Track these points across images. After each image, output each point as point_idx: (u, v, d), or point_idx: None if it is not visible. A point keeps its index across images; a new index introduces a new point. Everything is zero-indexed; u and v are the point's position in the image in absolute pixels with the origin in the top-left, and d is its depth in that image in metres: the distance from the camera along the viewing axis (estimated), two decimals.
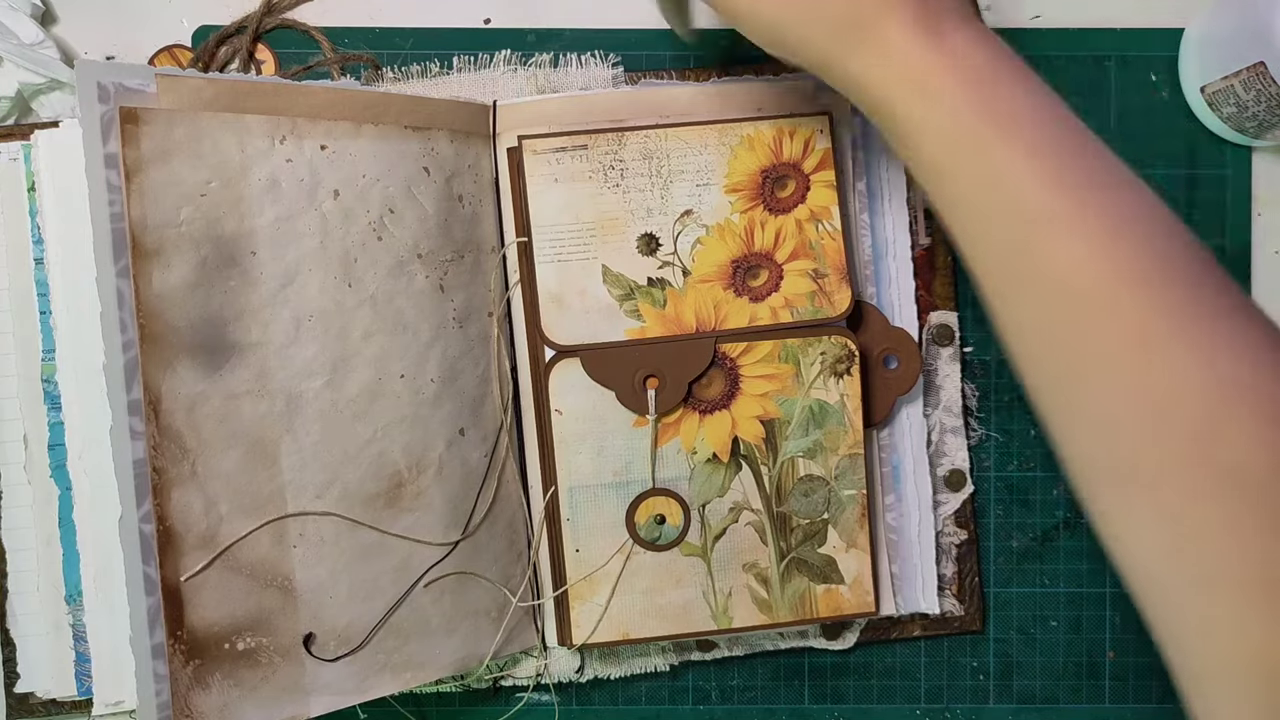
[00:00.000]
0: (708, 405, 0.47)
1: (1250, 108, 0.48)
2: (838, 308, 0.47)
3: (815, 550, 0.48)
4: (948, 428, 0.51)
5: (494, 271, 0.48)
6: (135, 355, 0.40)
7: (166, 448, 0.41)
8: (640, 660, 0.51)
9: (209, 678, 0.42)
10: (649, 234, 0.47)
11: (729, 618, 0.48)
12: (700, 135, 0.47)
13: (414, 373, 0.45)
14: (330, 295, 0.44)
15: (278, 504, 0.43)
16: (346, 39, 0.51)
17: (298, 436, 0.43)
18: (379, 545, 0.45)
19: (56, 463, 0.46)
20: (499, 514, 0.48)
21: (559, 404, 0.47)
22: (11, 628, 0.48)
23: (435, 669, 0.46)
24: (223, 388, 0.42)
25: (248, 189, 0.42)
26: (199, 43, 0.51)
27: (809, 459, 0.48)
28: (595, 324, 0.47)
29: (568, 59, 0.51)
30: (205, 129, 0.41)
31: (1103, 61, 0.52)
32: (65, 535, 0.46)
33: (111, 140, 0.40)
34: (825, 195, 0.47)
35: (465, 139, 0.47)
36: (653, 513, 0.48)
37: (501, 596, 0.48)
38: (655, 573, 0.48)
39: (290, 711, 0.43)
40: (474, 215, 0.48)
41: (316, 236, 0.43)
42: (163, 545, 0.41)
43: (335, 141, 0.44)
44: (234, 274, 0.42)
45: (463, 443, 0.47)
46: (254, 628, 0.42)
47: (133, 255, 0.40)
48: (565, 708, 0.52)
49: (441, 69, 0.50)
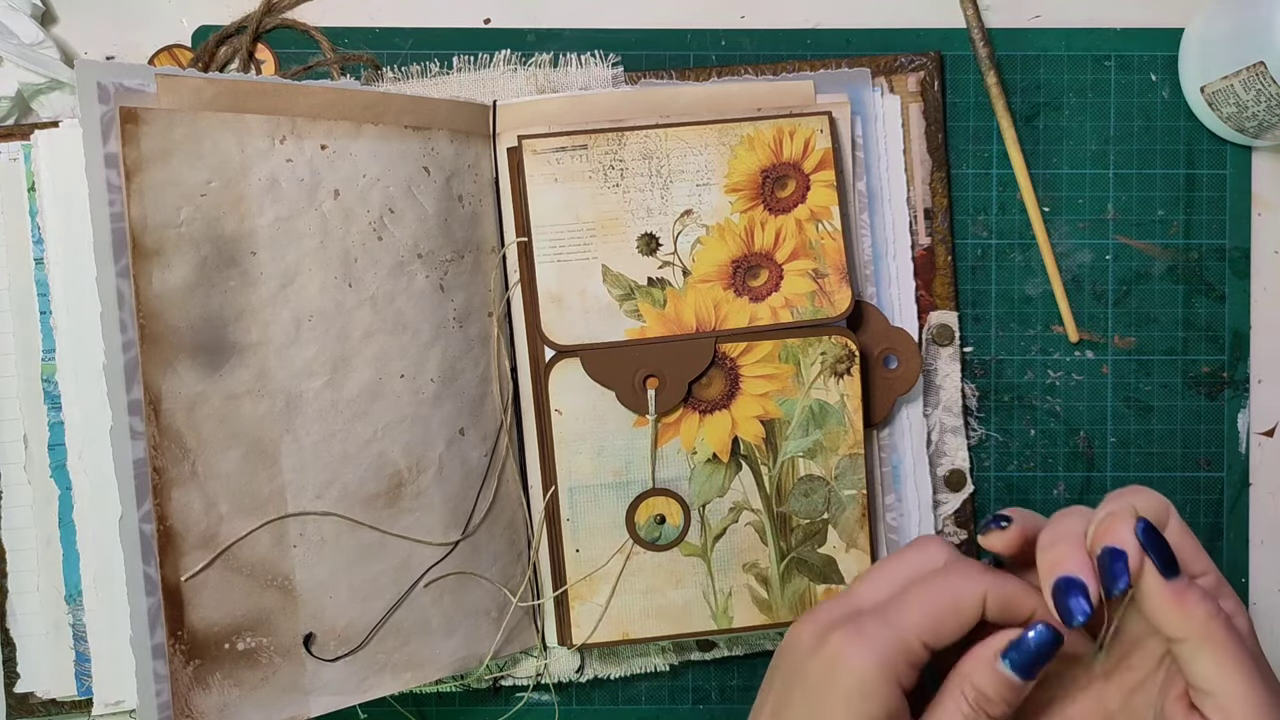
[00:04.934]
0: (708, 405, 0.47)
1: (1250, 108, 0.48)
2: (838, 308, 0.47)
3: (815, 550, 0.48)
4: (948, 428, 0.51)
5: (494, 271, 0.48)
6: (135, 355, 0.40)
7: (166, 448, 0.41)
8: (640, 660, 0.51)
9: (209, 678, 0.42)
10: (649, 234, 0.47)
11: (729, 618, 0.48)
12: (700, 135, 0.47)
13: (414, 373, 0.45)
14: (330, 295, 0.44)
15: (278, 504, 0.43)
16: (346, 39, 0.51)
17: (298, 436, 0.43)
18: (379, 545, 0.45)
19: (56, 463, 0.46)
20: (499, 514, 0.48)
21: (559, 404, 0.47)
22: (11, 628, 0.48)
23: (435, 669, 0.46)
24: (223, 388, 0.42)
25: (248, 189, 0.42)
26: (199, 43, 0.51)
27: (809, 459, 0.48)
28: (595, 324, 0.47)
29: (568, 59, 0.51)
30: (205, 129, 0.41)
31: (1103, 61, 0.52)
32: (65, 535, 0.46)
33: (111, 140, 0.40)
34: (825, 195, 0.47)
35: (465, 139, 0.47)
36: (653, 513, 0.48)
37: (501, 596, 0.48)
38: (655, 573, 0.48)
39: (290, 711, 0.43)
40: (474, 215, 0.48)
41: (316, 236, 0.43)
42: (163, 545, 0.41)
43: (335, 141, 0.44)
44: (234, 274, 0.42)
45: (463, 443, 0.47)
46: (254, 628, 0.42)
47: (133, 255, 0.40)
48: (565, 708, 0.52)
49: (441, 69, 0.50)
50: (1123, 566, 0.32)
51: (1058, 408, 0.52)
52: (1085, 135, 0.52)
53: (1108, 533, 0.32)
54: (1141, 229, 0.52)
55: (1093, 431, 0.52)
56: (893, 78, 0.50)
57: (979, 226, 0.52)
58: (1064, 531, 0.33)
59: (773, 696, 0.37)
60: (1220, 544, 0.52)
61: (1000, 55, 0.51)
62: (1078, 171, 0.52)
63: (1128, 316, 0.52)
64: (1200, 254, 0.52)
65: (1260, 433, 0.52)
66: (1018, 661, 0.33)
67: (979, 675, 0.33)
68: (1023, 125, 0.52)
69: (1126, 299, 0.52)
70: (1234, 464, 0.52)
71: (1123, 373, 0.52)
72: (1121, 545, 0.32)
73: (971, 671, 0.34)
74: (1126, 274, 0.52)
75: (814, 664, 0.35)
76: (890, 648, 0.34)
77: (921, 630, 0.34)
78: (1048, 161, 0.52)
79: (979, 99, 0.52)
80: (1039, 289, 0.52)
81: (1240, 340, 0.52)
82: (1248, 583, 0.52)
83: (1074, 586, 0.32)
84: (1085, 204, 0.52)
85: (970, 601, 0.34)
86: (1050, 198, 0.52)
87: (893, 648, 0.34)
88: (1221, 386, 0.52)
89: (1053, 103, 0.52)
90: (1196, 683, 0.32)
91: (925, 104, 0.51)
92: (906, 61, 0.51)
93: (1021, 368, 0.52)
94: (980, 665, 0.34)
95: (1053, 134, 0.52)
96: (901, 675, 0.34)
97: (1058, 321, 0.52)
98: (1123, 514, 0.33)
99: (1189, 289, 0.52)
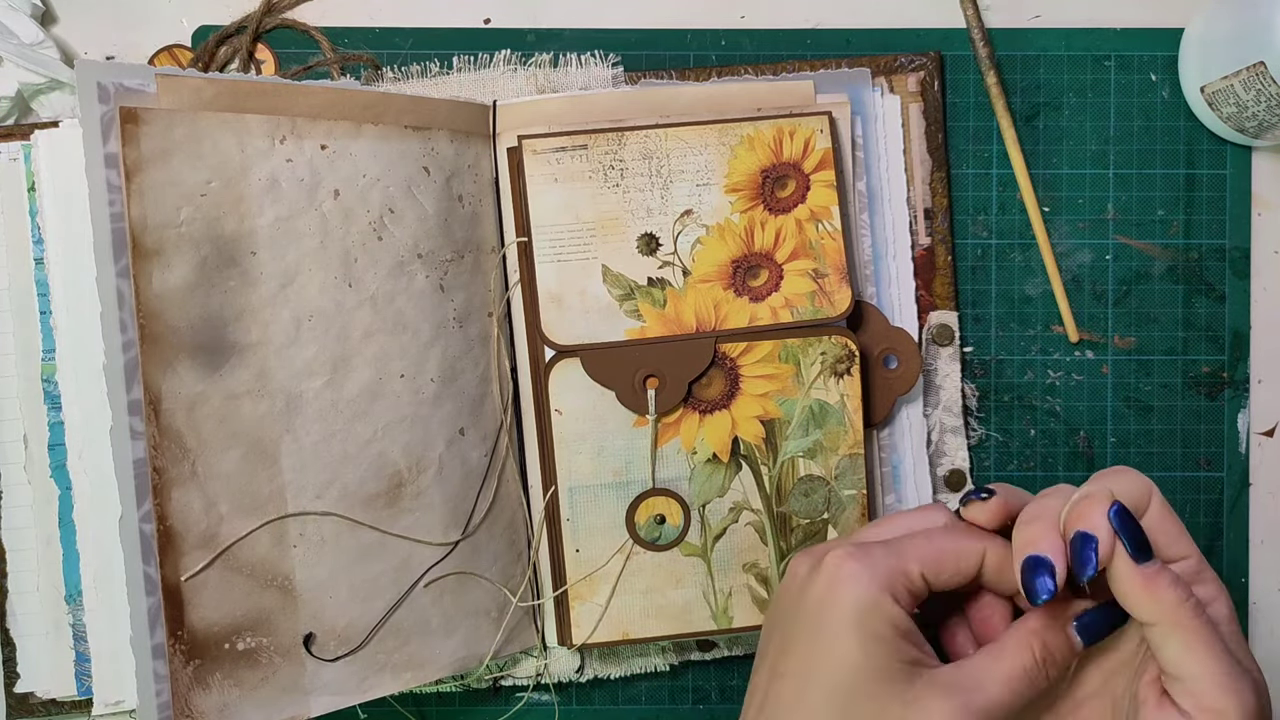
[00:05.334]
0: (708, 405, 0.47)
1: (1250, 108, 0.48)
2: (838, 308, 0.47)
3: None
4: (948, 428, 0.51)
5: (494, 271, 0.48)
6: (135, 355, 0.40)
7: (166, 448, 0.41)
8: (640, 660, 0.51)
9: (209, 678, 0.42)
10: (649, 234, 0.47)
11: (729, 618, 0.48)
12: (700, 135, 0.47)
13: (414, 373, 0.45)
14: (330, 295, 0.44)
15: (278, 504, 0.43)
16: (346, 39, 0.51)
17: (298, 436, 0.43)
18: (379, 545, 0.45)
19: (56, 463, 0.46)
20: (499, 514, 0.48)
21: (559, 404, 0.47)
22: (11, 628, 0.48)
23: (435, 669, 0.46)
24: (223, 388, 0.42)
25: (248, 189, 0.42)
26: (199, 43, 0.51)
27: (809, 459, 0.48)
28: (595, 324, 0.47)
29: (568, 59, 0.51)
30: (205, 129, 0.41)
31: (1103, 61, 0.52)
32: (65, 535, 0.46)
33: (111, 140, 0.40)
34: (825, 195, 0.47)
35: (465, 139, 0.47)
36: (653, 513, 0.48)
37: (501, 596, 0.48)
38: (655, 573, 0.48)
39: (290, 711, 0.43)
40: (474, 215, 0.48)
41: (316, 236, 0.43)
42: (163, 545, 0.41)
43: (335, 141, 0.44)
44: (234, 274, 0.42)
45: (463, 443, 0.47)
46: (254, 628, 0.42)
47: (133, 255, 0.40)
48: (565, 708, 0.52)
49: (441, 69, 0.50)
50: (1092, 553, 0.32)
51: (1058, 408, 0.52)
52: (1085, 135, 0.52)
53: (1080, 517, 0.32)
54: (1141, 229, 0.52)
55: (1093, 431, 0.52)
56: (893, 78, 0.50)
57: (979, 226, 0.52)
58: (1041, 510, 0.34)
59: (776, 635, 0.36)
60: (1220, 544, 0.52)
61: (1000, 55, 0.51)
62: (1078, 171, 0.52)
63: (1128, 316, 0.52)
64: (1200, 254, 0.52)
65: (1260, 433, 0.52)
66: (1088, 628, 0.34)
67: (1050, 633, 0.34)
68: (1023, 125, 0.52)
69: (1126, 299, 0.52)
70: (1234, 464, 0.52)
71: (1123, 373, 0.52)
72: (1093, 530, 0.32)
73: (1043, 629, 0.34)
74: (1126, 274, 0.52)
75: (814, 587, 0.34)
76: (890, 567, 0.34)
77: (923, 562, 0.34)
78: (1048, 161, 0.52)
79: (979, 99, 0.52)
80: (1039, 289, 0.52)
81: (1240, 340, 0.52)
82: (1248, 583, 0.52)
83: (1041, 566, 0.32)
84: (1085, 204, 0.52)
85: (971, 554, 0.35)
86: (1050, 198, 0.52)
87: (892, 567, 0.34)
88: (1221, 386, 0.52)
89: (1053, 103, 0.52)
90: (1167, 667, 0.32)
91: (925, 104, 0.51)
92: (906, 61, 0.51)
93: (1021, 368, 0.52)
94: (1054, 625, 0.34)
95: (1053, 134, 0.52)
96: (900, 598, 0.34)
97: (1058, 321, 0.52)
98: (1098, 497, 0.33)
99: (1189, 289, 0.52)
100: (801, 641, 0.34)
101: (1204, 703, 0.31)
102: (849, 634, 0.33)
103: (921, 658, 0.34)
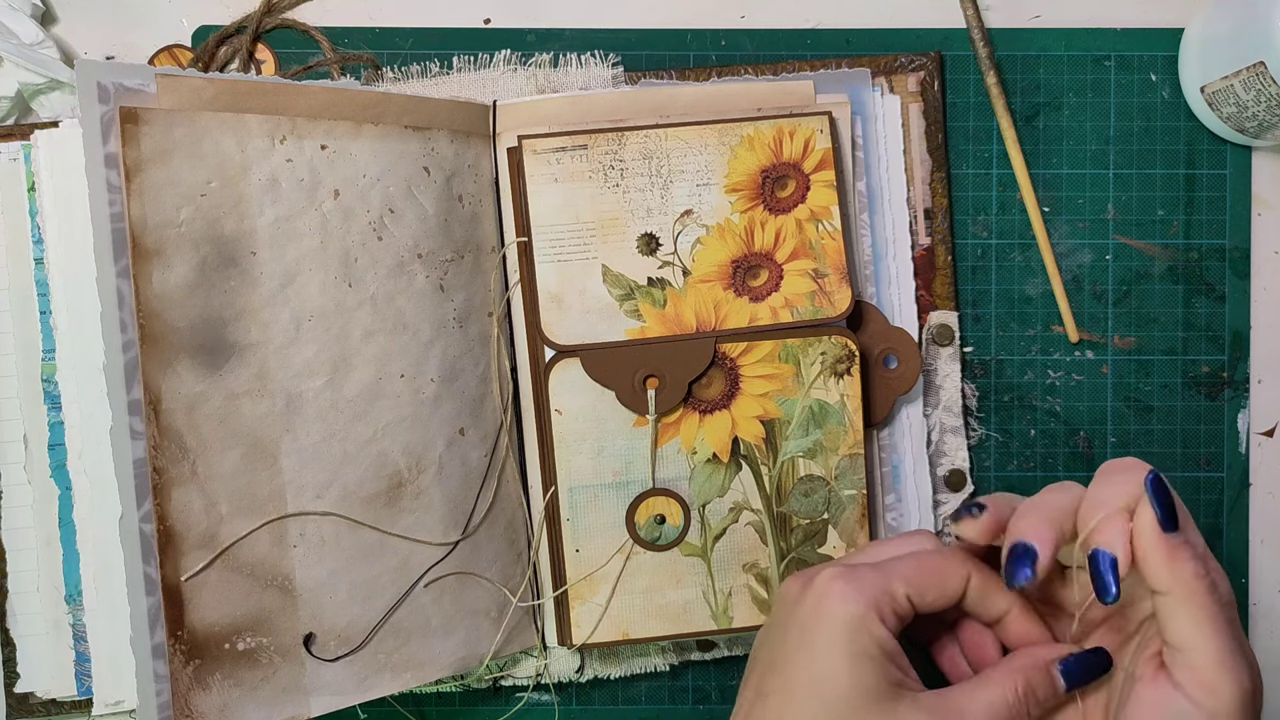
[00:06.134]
0: (708, 405, 0.47)
1: (1250, 108, 0.48)
2: (838, 308, 0.47)
3: (815, 550, 0.48)
4: (948, 428, 0.51)
5: (494, 271, 0.48)
6: (135, 355, 0.40)
7: (166, 448, 0.41)
8: (640, 660, 0.51)
9: (209, 678, 0.42)
10: (649, 234, 0.47)
11: (729, 618, 0.48)
12: (700, 135, 0.47)
13: (414, 373, 0.45)
14: (330, 295, 0.44)
15: (278, 504, 0.43)
16: (346, 39, 0.51)
17: (298, 436, 0.43)
18: (379, 545, 0.45)
19: (56, 463, 0.46)
20: (499, 514, 0.48)
21: (559, 404, 0.47)
22: (11, 628, 0.48)
23: (435, 669, 0.46)
24: (223, 388, 0.42)
25: (248, 189, 0.42)
26: (199, 43, 0.51)
27: (809, 459, 0.48)
28: (595, 324, 0.47)
29: (568, 59, 0.51)
30: (205, 129, 0.41)
31: (1103, 61, 0.52)
32: (65, 535, 0.46)
33: (111, 140, 0.40)
34: (825, 195, 0.47)
35: (465, 139, 0.47)
36: (653, 513, 0.48)
37: (501, 596, 0.48)
38: (655, 573, 0.48)
39: (290, 711, 0.43)
40: (474, 215, 0.48)
41: (316, 236, 0.43)
42: (163, 545, 0.41)
43: (335, 141, 0.44)
44: (234, 274, 0.42)
45: (463, 442, 0.47)
46: (254, 628, 0.42)
47: (133, 255, 0.40)
48: (565, 708, 0.52)
49: (441, 69, 0.50)
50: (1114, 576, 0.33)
51: (1058, 408, 0.52)
52: (1085, 135, 0.52)
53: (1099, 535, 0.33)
54: (1141, 229, 0.52)
55: (1093, 431, 0.52)
56: (893, 78, 0.50)
57: (979, 226, 0.52)
58: (1040, 504, 0.35)
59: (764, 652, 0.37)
60: (1220, 544, 0.52)
61: (1000, 55, 0.51)
62: (1078, 171, 0.52)
63: (1128, 316, 0.52)
64: (1200, 254, 0.52)
65: (1260, 433, 0.52)
66: (1070, 672, 0.35)
67: (1034, 673, 0.35)
68: (1023, 125, 0.52)
69: (1126, 299, 0.52)
70: (1234, 464, 0.52)
71: (1123, 373, 0.52)
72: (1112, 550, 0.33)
73: (1027, 667, 0.35)
74: (1126, 274, 0.52)
75: (803, 606, 0.35)
76: (877, 587, 0.35)
77: (908, 583, 0.35)
78: (1048, 161, 0.52)
79: (979, 99, 0.52)
80: (1039, 289, 0.52)
81: (1240, 340, 0.52)
82: (1247, 583, 0.52)
83: (1026, 553, 0.33)
84: (1085, 204, 0.52)
85: (956, 577, 0.36)
86: (1050, 198, 0.52)
87: (879, 587, 0.35)
88: (1221, 386, 0.52)
89: (1053, 103, 0.52)
90: (1170, 639, 0.33)
91: (925, 104, 0.51)
92: (906, 61, 0.51)
93: (1021, 368, 0.52)
94: (1038, 664, 0.35)
95: (1053, 134, 0.52)
96: (886, 618, 0.35)
97: (1058, 321, 0.52)
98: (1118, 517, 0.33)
99: (1189, 289, 0.52)
100: (788, 659, 0.35)
101: (1201, 677, 0.32)
102: (836, 651, 0.34)
103: (905, 680, 0.35)
